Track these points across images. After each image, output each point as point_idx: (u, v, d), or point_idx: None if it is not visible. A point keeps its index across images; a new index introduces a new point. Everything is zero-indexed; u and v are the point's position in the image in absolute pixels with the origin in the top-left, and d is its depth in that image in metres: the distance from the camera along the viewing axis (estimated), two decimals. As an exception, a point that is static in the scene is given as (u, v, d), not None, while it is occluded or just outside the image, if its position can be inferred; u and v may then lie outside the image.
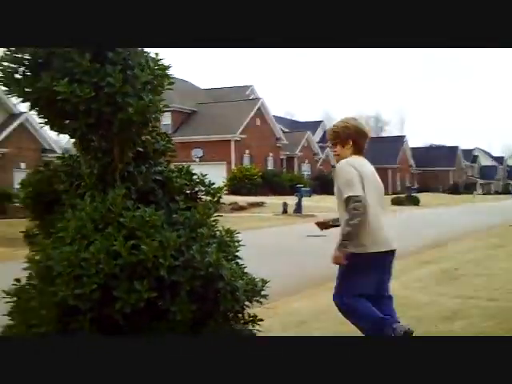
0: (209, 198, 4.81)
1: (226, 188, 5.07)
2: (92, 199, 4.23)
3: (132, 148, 4.45)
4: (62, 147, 39.99)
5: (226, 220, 4.94)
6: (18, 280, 4.56)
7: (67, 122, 4.20)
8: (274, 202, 37.31)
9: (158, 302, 4.14)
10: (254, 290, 4.63)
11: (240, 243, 4.77)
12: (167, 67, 4.36)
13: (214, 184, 4.88)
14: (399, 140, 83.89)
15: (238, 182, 45.01)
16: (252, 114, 51.98)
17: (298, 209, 32.59)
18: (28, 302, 4.39)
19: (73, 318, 4.14)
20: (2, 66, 4.12)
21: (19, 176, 30.80)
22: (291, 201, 33.71)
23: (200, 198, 4.82)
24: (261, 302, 4.72)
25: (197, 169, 5.06)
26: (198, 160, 44.77)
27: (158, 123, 4.73)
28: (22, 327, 4.37)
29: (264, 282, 4.77)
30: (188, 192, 4.78)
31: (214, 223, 4.67)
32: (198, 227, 4.39)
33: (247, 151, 51.17)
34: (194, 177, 4.83)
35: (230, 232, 4.74)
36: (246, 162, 50.52)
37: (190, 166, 4.85)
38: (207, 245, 4.37)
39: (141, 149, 4.58)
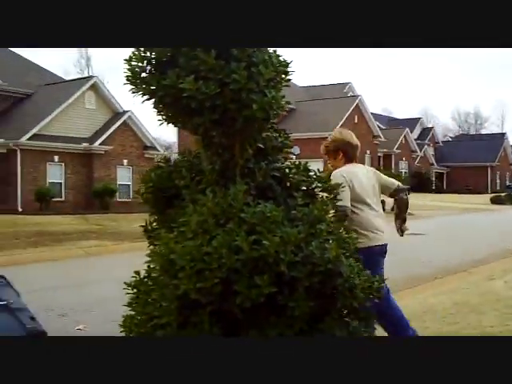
0: (325, 194, 4.82)
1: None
2: (214, 195, 4.28)
3: (253, 144, 4.50)
4: (162, 145, 40.93)
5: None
6: (137, 273, 4.69)
7: (192, 118, 4.26)
8: (370, 199, 36.73)
9: (277, 298, 4.15)
10: (372, 287, 4.60)
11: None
12: (289, 64, 4.36)
13: (330, 181, 4.89)
14: (499, 137, 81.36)
15: (334, 180, 44.74)
16: (350, 111, 51.61)
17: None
18: (147, 294, 4.50)
19: (193, 312, 4.22)
20: (131, 65, 4.23)
21: (122, 172, 31.75)
22: (388, 198, 33.09)
23: (317, 195, 4.82)
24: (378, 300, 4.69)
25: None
26: (294, 157, 44.77)
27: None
28: (142, 317, 4.48)
29: (381, 280, 4.74)
30: (305, 188, 4.79)
31: (331, 220, 4.66)
32: (317, 223, 4.38)
33: (344, 148, 50.76)
34: (311, 173, 4.84)
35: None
36: (343, 159, 50.10)
37: (307, 162, 4.86)
38: (326, 241, 4.36)
39: (261, 145, 4.62)
